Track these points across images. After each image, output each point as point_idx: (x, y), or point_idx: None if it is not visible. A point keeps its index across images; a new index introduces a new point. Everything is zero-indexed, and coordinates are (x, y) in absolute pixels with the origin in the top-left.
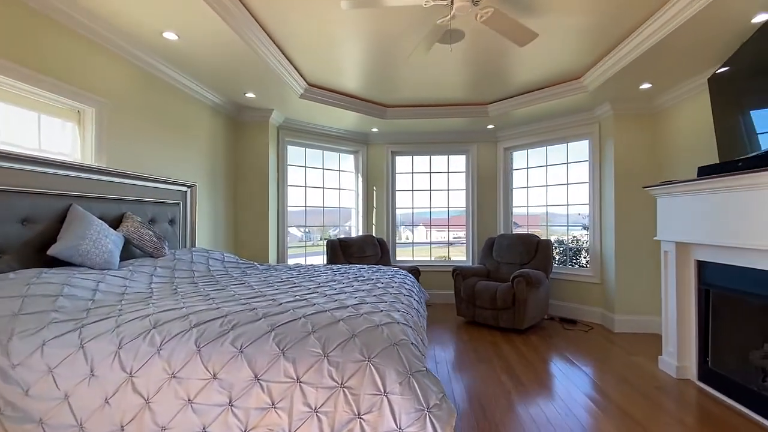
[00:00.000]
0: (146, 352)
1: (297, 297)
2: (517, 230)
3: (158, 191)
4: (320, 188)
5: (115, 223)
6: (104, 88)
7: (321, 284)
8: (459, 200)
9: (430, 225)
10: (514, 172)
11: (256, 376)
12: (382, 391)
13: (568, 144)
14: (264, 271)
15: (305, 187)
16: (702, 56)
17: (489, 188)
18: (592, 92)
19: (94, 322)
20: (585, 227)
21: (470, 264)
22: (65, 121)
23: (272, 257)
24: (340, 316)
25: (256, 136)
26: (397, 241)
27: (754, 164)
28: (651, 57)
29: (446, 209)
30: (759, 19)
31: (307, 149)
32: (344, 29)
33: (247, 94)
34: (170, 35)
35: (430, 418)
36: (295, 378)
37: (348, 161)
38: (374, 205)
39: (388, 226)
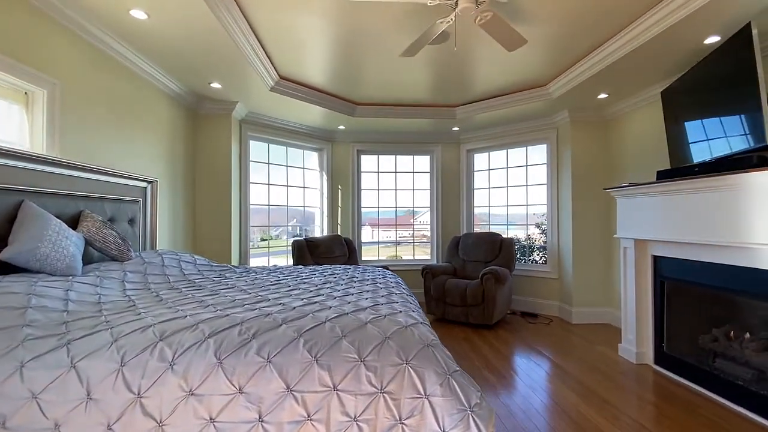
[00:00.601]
0: (156, 368)
1: (306, 300)
2: (477, 229)
3: (117, 187)
4: (284, 186)
5: (72, 223)
6: (57, 68)
7: (320, 286)
8: (424, 200)
9: (396, 224)
10: (476, 174)
11: (288, 387)
12: (423, 393)
13: (528, 148)
14: (245, 274)
15: (268, 184)
16: (656, 71)
17: (452, 188)
18: (555, 100)
19: (83, 336)
20: (537, 225)
21: (434, 262)
22: (11, 103)
23: (234, 258)
24: (365, 319)
25: (217, 130)
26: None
27: (708, 170)
28: (612, 70)
29: (411, 209)
30: (710, 40)
31: (270, 145)
32: (324, 20)
33: (212, 84)
34: (138, 13)
35: (473, 417)
36: (332, 386)
37: (312, 159)
38: (339, 204)
39: (353, 226)
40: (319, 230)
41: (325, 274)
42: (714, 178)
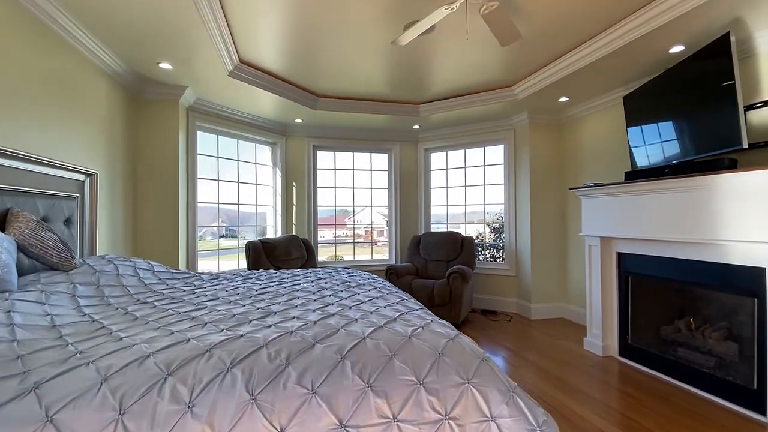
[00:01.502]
0: (170, 412)
1: (321, 311)
2: (435, 228)
3: (51, 180)
4: (235, 182)
5: None
6: None
7: (318, 293)
8: (382, 199)
9: (354, 224)
10: (433, 173)
11: (341, 423)
12: (489, 415)
13: (485, 148)
14: (217, 282)
15: (218, 180)
16: (618, 77)
17: (411, 187)
18: (518, 101)
19: (55, 376)
20: (488, 224)
21: (393, 262)
22: None
23: (182, 262)
24: (406, 331)
25: (162, 118)
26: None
27: (678, 171)
28: (578, 75)
29: (369, 207)
30: (675, 50)
31: (219, 137)
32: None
33: (161, 65)
34: None
35: None
36: (392, 416)
37: (264, 154)
38: (294, 203)
39: (309, 226)
40: (272, 230)
41: (310, 278)
42: (687, 179)
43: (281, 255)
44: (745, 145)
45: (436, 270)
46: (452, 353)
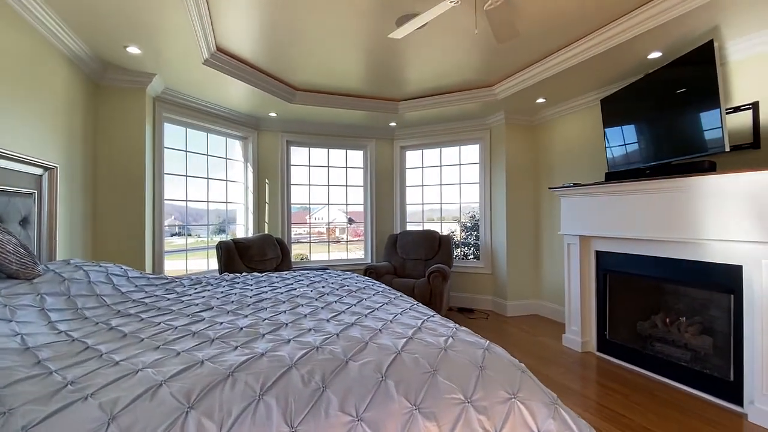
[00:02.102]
0: None
1: (336, 321)
2: (410, 227)
3: (5, 174)
4: (204, 178)
5: None
6: None
7: (320, 299)
8: (357, 196)
9: (329, 223)
10: (408, 171)
11: None
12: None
13: (461, 147)
14: (201, 288)
15: (186, 176)
16: (596, 81)
17: (387, 185)
18: (497, 101)
19: (48, 417)
20: (459, 222)
21: (369, 261)
22: None
23: (148, 263)
24: (439, 343)
25: (127, 108)
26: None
27: (657, 173)
28: (558, 78)
29: (345, 205)
30: (653, 55)
31: (188, 130)
32: None
33: (128, 49)
34: None
35: None
36: None
37: (235, 148)
38: (267, 201)
39: (283, 224)
40: (243, 229)
41: (303, 282)
42: (669, 180)
43: (256, 255)
44: (728, 149)
45: (414, 269)
46: (493, 365)
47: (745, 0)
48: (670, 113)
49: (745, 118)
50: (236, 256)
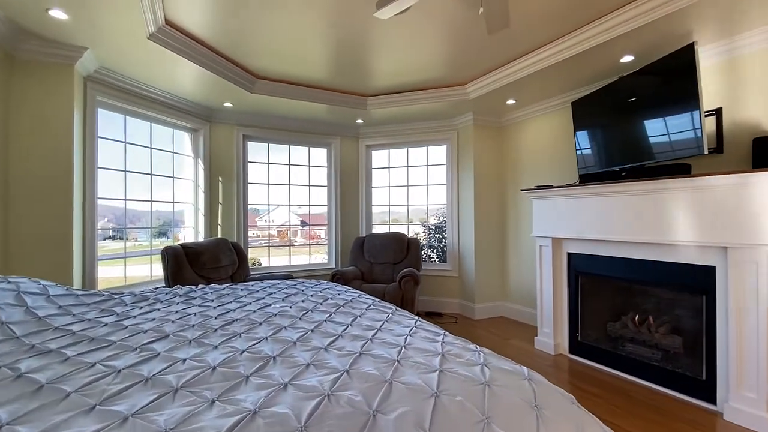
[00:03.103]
0: None
1: (339, 351)
2: (376, 229)
3: None
4: (147, 175)
5: None
6: None
7: (303, 317)
8: (321, 197)
9: (284, 225)
10: (374, 171)
11: None
12: None
13: (428, 148)
14: (149, 307)
15: (125, 171)
16: (567, 83)
17: (352, 185)
18: (467, 101)
19: None
20: (423, 224)
21: (334, 265)
22: None
23: (77, 273)
24: (476, 376)
25: (51, 88)
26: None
27: (631, 175)
28: (530, 79)
29: (308, 206)
30: (625, 59)
31: (128, 118)
32: None
33: (51, 12)
34: None
35: None
36: None
37: (184, 142)
38: (220, 201)
39: (239, 227)
40: (192, 232)
41: (276, 296)
42: (645, 183)
43: (208, 262)
44: (706, 151)
45: (383, 273)
46: (548, 403)
47: (718, 9)
48: (645, 115)
49: (709, 124)
50: (185, 264)
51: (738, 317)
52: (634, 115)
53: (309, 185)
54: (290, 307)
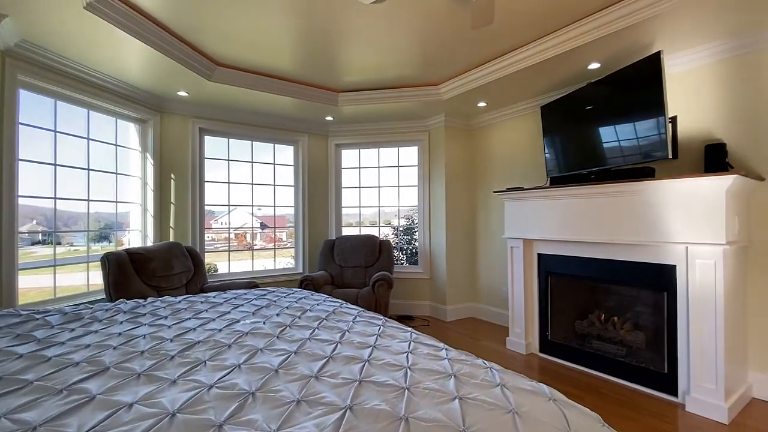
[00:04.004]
0: None
1: (338, 377)
2: (345, 231)
3: None
4: (84, 170)
5: None
6: None
7: (283, 336)
8: (288, 197)
9: (253, 228)
10: (344, 171)
11: None
12: None
13: (399, 148)
14: (83, 329)
15: (55, 165)
16: (536, 88)
17: (321, 186)
18: (440, 102)
19: None
20: (392, 226)
21: (301, 270)
22: None
23: None
24: (501, 402)
25: None
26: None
27: (601, 178)
28: (502, 82)
29: (272, 207)
30: (593, 66)
31: (58, 102)
32: None
33: None
34: None
35: None
36: None
37: (130, 134)
38: (173, 201)
39: (194, 230)
40: (140, 236)
41: (245, 309)
42: (613, 185)
43: (159, 270)
44: (670, 156)
45: (354, 277)
46: (578, 427)
47: (675, 23)
48: (612, 121)
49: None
50: (131, 272)
51: (697, 312)
52: (602, 120)
53: (274, 185)
54: (264, 323)
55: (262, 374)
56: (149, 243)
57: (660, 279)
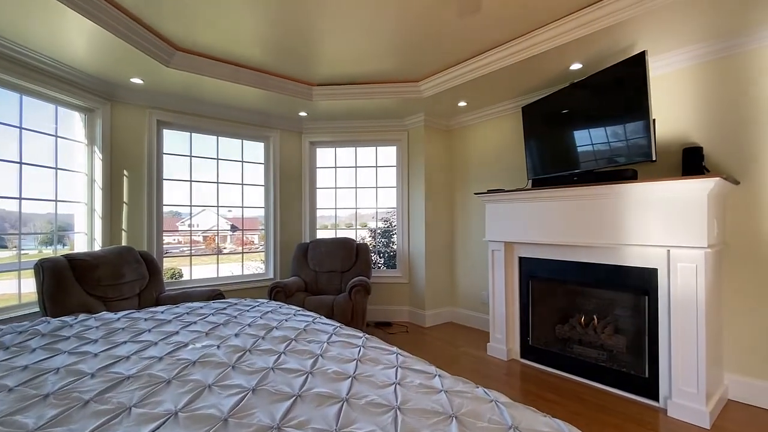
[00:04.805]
0: None
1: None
2: (320, 235)
3: None
4: (16, 163)
5: None
6: None
7: (237, 367)
8: (258, 197)
9: (218, 232)
10: (318, 171)
11: None
12: None
13: (378, 148)
14: (2, 356)
15: None
16: (518, 87)
17: (294, 186)
18: (418, 100)
19: None
20: (371, 229)
21: (272, 276)
22: None
23: None
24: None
25: None
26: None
27: (583, 180)
28: (482, 81)
29: (240, 208)
30: (574, 67)
31: None
32: None
33: None
34: None
35: None
36: None
37: (74, 124)
38: (125, 200)
39: (150, 233)
40: (86, 240)
41: (194, 326)
42: (595, 187)
43: (106, 278)
44: (654, 158)
45: (329, 283)
46: None
47: (653, 26)
48: (595, 123)
49: None
50: (71, 280)
51: (678, 316)
52: (585, 121)
53: (242, 184)
54: (218, 346)
55: (206, 426)
56: (97, 247)
57: (641, 282)
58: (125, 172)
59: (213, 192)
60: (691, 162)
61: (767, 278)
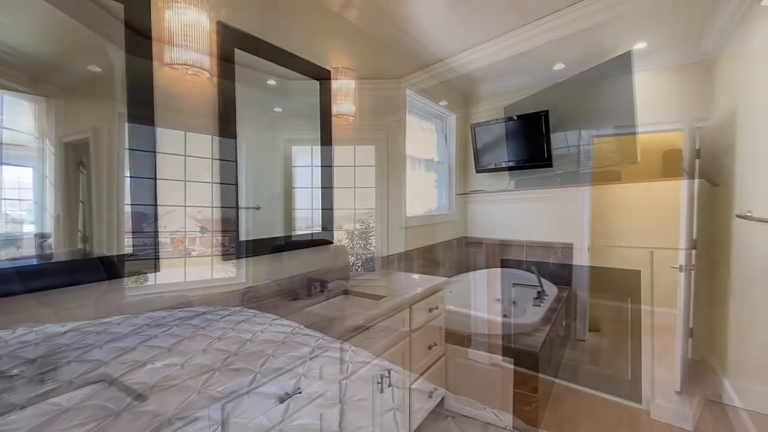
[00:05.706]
0: None
1: None
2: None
3: None
4: None
5: None
6: None
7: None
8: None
9: (186, 233)
10: (296, 169)
11: None
12: None
13: (356, 147)
14: None
15: None
16: (501, 88)
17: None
18: (396, 98)
19: None
20: (347, 231)
21: (244, 281)
22: None
23: None
24: None
25: None
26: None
27: (564, 180)
28: (464, 80)
29: (210, 208)
30: (558, 66)
31: None
32: None
33: None
34: None
35: None
36: None
37: (22, 113)
38: (81, 199)
39: (111, 235)
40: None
41: (154, 341)
42: (579, 188)
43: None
44: (639, 159)
45: (306, 287)
46: None
47: (637, 25)
48: (581, 125)
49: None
50: None
51: (661, 317)
52: (567, 121)
53: (212, 183)
54: (182, 366)
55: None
56: (47, 251)
57: (624, 284)
58: (82, 169)
59: (180, 190)
60: (671, 165)
61: (744, 278)
